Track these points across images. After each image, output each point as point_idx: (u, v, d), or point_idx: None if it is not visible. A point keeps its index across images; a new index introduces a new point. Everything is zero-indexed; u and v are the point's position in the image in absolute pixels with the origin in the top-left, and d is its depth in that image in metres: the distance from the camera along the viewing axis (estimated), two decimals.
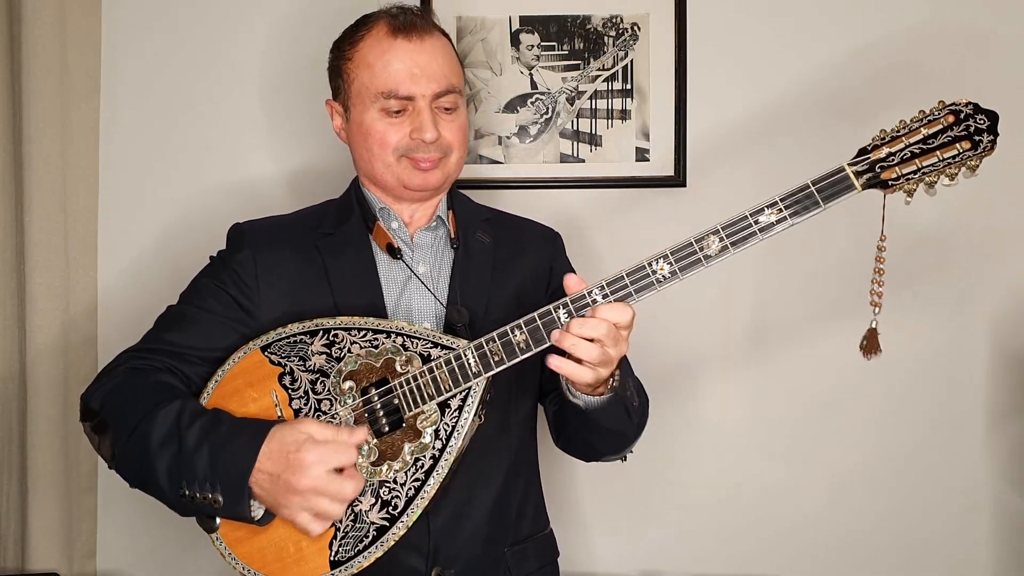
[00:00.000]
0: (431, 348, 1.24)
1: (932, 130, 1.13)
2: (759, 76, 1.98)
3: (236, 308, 1.38)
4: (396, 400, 1.24)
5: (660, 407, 1.95)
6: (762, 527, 2.00)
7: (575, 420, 1.34)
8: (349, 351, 1.27)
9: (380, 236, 1.41)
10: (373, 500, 1.22)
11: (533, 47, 1.99)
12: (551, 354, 1.19)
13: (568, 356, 1.19)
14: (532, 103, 2.00)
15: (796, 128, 1.97)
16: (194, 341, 1.35)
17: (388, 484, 1.22)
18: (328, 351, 1.28)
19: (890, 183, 1.14)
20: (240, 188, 2.01)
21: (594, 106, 1.99)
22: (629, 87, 1.99)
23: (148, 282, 1.99)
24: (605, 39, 1.99)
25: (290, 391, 1.28)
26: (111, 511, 2.00)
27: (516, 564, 1.41)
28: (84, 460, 1.95)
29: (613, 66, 1.99)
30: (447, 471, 1.21)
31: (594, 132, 1.99)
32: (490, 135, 2.00)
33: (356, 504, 1.23)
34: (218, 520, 1.25)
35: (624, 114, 1.99)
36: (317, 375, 1.28)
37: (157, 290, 1.95)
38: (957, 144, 1.12)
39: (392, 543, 1.21)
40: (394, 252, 1.39)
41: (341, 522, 1.23)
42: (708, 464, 2.01)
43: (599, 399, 1.27)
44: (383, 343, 1.26)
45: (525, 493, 1.45)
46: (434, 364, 1.23)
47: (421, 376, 1.23)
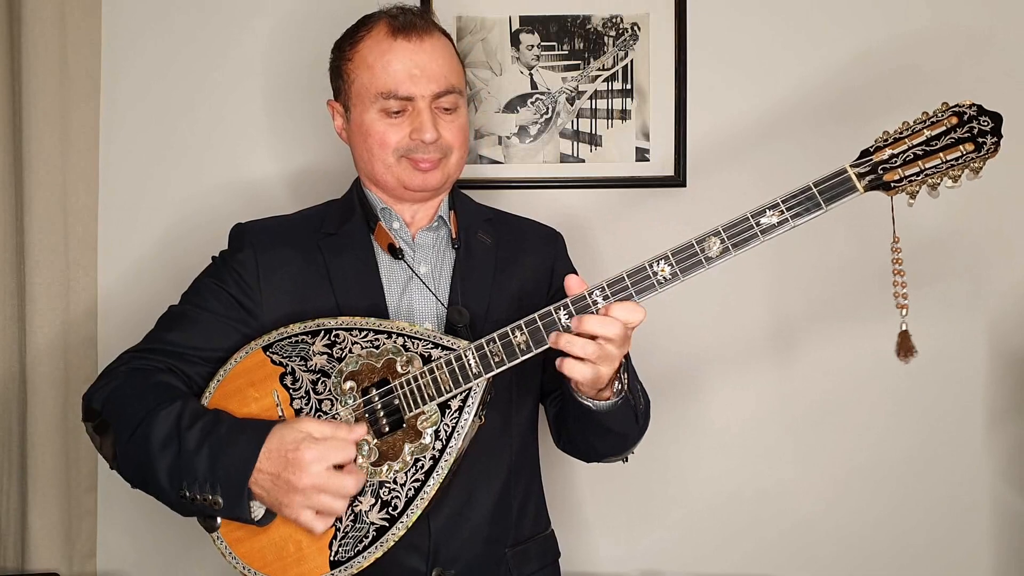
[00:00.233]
0: (432, 349, 1.24)
1: (935, 132, 1.13)
2: (759, 76, 1.98)
3: (237, 308, 1.38)
4: (396, 400, 1.24)
5: (662, 408, 1.95)
6: (763, 527, 2.00)
7: (580, 422, 1.33)
8: (350, 351, 1.27)
9: (381, 236, 1.41)
10: (373, 500, 1.22)
11: (533, 47, 1.99)
12: (560, 357, 1.19)
13: (566, 355, 1.18)
14: (532, 103, 1.99)
15: (796, 128, 1.97)
16: (195, 341, 1.35)
17: (388, 484, 1.22)
18: (329, 351, 1.28)
19: (893, 185, 1.13)
20: (241, 188, 2.00)
21: (594, 106, 1.99)
22: (629, 87, 1.98)
23: (148, 282, 1.99)
24: (605, 39, 1.98)
25: (291, 391, 1.28)
26: (111, 511, 1.99)
27: (517, 564, 1.41)
28: (84, 460, 1.95)
29: (613, 66, 1.99)
30: (447, 472, 1.21)
31: (594, 132, 1.99)
32: (490, 135, 2.00)
33: (356, 504, 1.23)
34: (219, 520, 1.25)
35: (624, 114, 1.99)
36: (318, 375, 1.28)
37: (157, 290, 1.95)
38: (961, 146, 1.12)
39: (392, 543, 1.21)
40: (395, 252, 1.39)
41: (341, 522, 1.23)
42: (709, 464, 2.01)
43: (607, 403, 1.27)
44: (384, 343, 1.26)
45: (526, 493, 1.45)
46: (435, 365, 1.23)
47: (422, 377, 1.23)
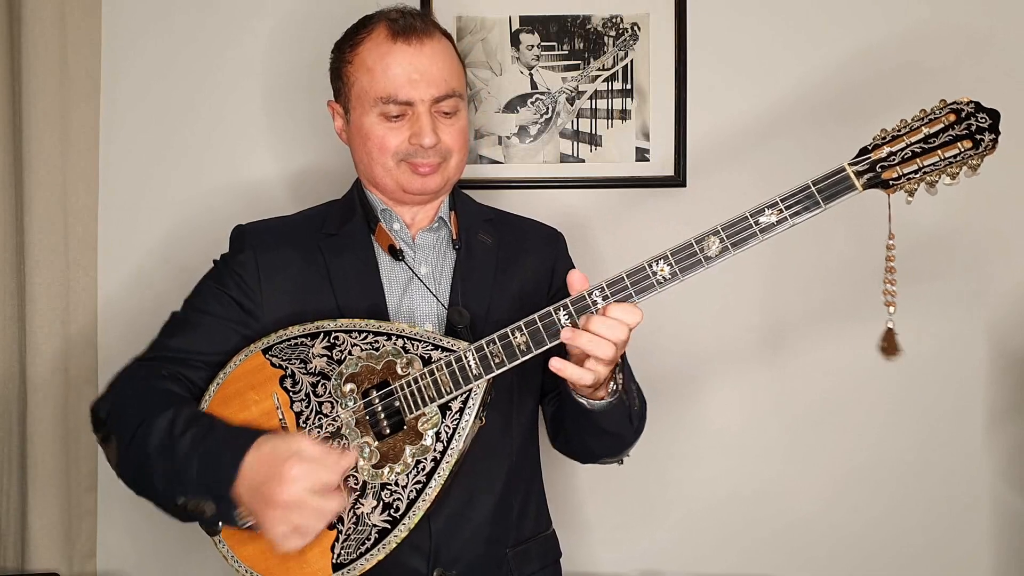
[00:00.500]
0: (432, 350, 1.24)
1: (933, 129, 1.13)
2: (759, 76, 1.98)
3: (238, 310, 1.38)
4: (397, 402, 1.24)
5: (661, 408, 1.95)
6: (763, 527, 2.00)
7: (576, 422, 1.34)
8: (350, 353, 1.27)
9: (382, 237, 1.41)
10: (375, 502, 1.22)
11: (533, 47, 1.99)
12: (554, 356, 1.19)
13: (568, 356, 1.18)
14: (532, 103, 1.99)
15: (796, 128, 1.97)
16: (198, 346, 1.35)
17: (389, 486, 1.22)
18: (329, 353, 1.28)
19: (891, 183, 1.13)
20: (241, 188, 2.00)
21: (594, 106, 1.99)
22: (629, 87, 1.98)
23: (148, 282, 1.99)
24: (605, 39, 1.98)
25: (291, 393, 1.28)
26: (111, 511, 1.99)
27: (518, 565, 1.41)
28: (84, 460, 1.95)
29: (613, 66, 1.98)
30: (448, 473, 1.21)
31: (594, 132, 1.99)
32: (490, 135, 2.00)
33: (358, 507, 1.22)
34: (220, 523, 1.25)
35: (624, 114, 1.99)
36: (318, 377, 1.27)
37: (157, 290, 1.95)
38: (958, 143, 1.12)
39: (394, 545, 1.21)
40: (396, 253, 1.39)
41: (343, 524, 1.23)
42: (709, 464, 2.01)
43: (602, 403, 1.27)
44: (384, 345, 1.26)
45: (527, 494, 1.45)
46: (435, 366, 1.23)
47: (422, 378, 1.23)
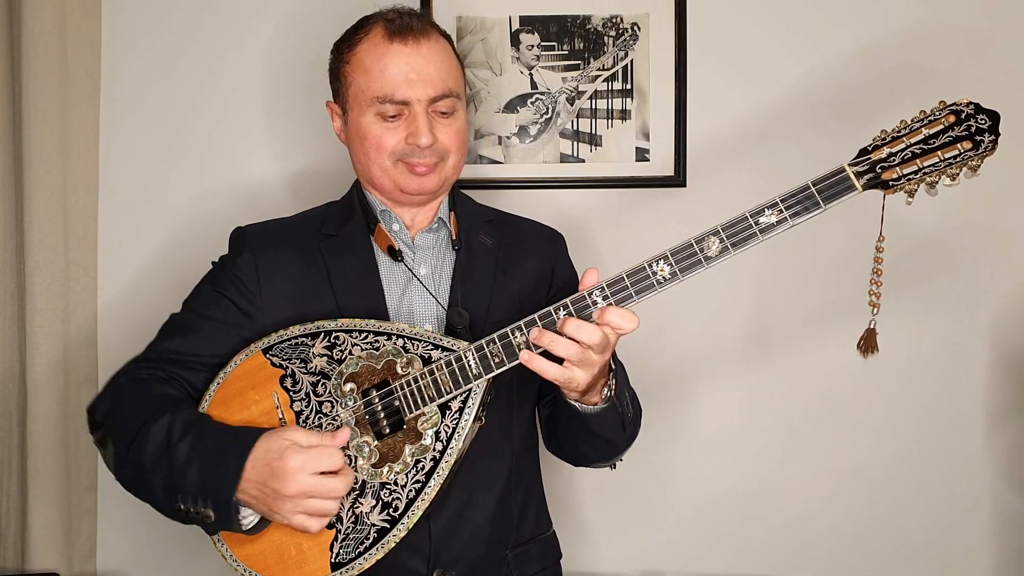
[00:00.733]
0: (432, 350, 1.24)
1: (933, 130, 1.13)
2: (759, 76, 1.98)
3: (237, 313, 1.37)
4: (397, 402, 1.24)
5: (659, 409, 1.95)
6: (763, 527, 2.00)
7: (568, 425, 1.34)
8: (350, 353, 1.27)
9: (381, 238, 1.41)
10: (374, 502, 1.22)
11: (533, 47, 1.99)
12: (530, 355, 1.18)
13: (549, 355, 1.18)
14: (532, 103, 1.99)
15: (796, 128, 1.97)
16: (196, 348, 1.35)
17: (389, 486, 1.22)
18: (329, 353, 1.28)
19: (891, 183, 1.13)
20: (240, 188, 2.00)
21: (594, 106, 1.99)
22: (629, 87, 1.98)
23: (148, 282, 1.99)
24: (605, 39, 1.98)
25: (291, 393, 1.28)
26: (111, 511, 2.00)
27: (518, 566, 1.41)
28: (84, 460, 1.95)
29: (613, 66, 1.98)
30: (448, 473, 1.21)
31: (594, 132, 1.99)
32: (490, 135, 2.00)
33: (357, 506, 1.23)
34: (222, 529, 1.25)
35: (624, 114, 1.99)
36: (318, 377, 1.28)
37: (157, 290, 1.95)
38: (958, 144, 1.11)
39: (392, 545, 1.21)
40: (395, 254, 1.39)
41: (342, 524, 1.23)
42: (708, 464, 2.01)
43: (594, 407, 1.27)
44: (384, 345, 1.26)
45: (527, 495, 1.45)
46: (435, 366, 1.23)
47: (422, 378, 1.23)
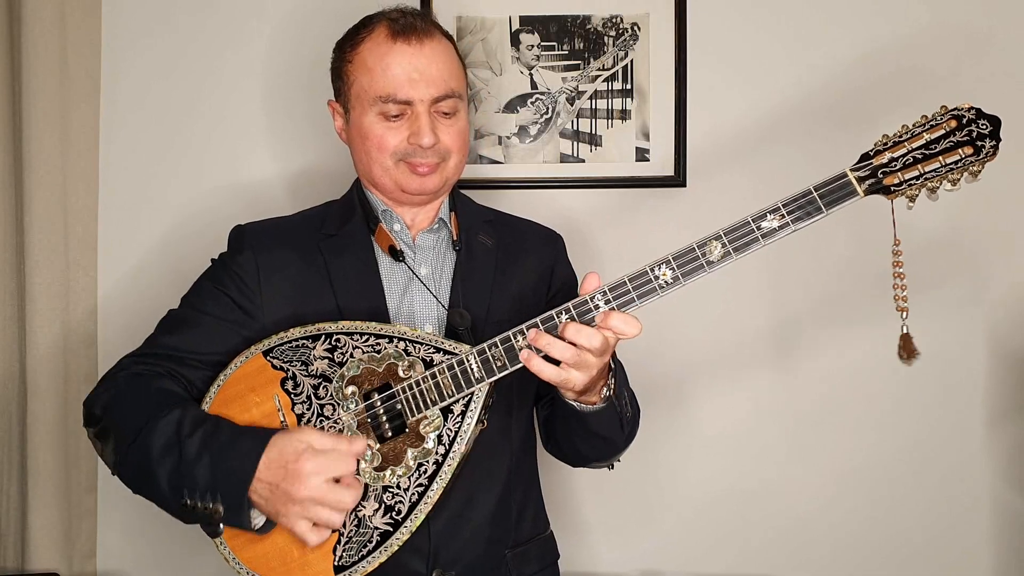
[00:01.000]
0: (433, 353, 1.24)
1: (934, 135, 1.13)
2: (759, 76, 1.98)
3: (237, 311, 1.37)
4: (399, 405, 1.24)
5: (659, 409, 1.95)
6: (762, 527, 2.00)
7: (566, 424, 1.34)
8: (351, 356, 1.27)
9: (382, 238, 1.41)
10: (376, 505, 1.22)
11: (533, 47, 1.98)
12: (529, 354, 1.18)
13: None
14: (532, 103, 1.99)
15: (796, 128, 1.97)
16: (195, 345, 1.35)
17: (391, 489, 1.22)
18: (330, 356, 1.28)
19: (893, 189, 1.13)
20: (240, 188, 2.00)
21: (594, 106, 1.99)
22: (629, 87, 1.98)
23: (148, 282, 1.99)
24: (605, 39, 1.98)
25: (292, 396, 1.28)
26: (111, 511, 1.99)
27: (517, 566, 1.41)
28: (84, 460, 1.95)
29: (613, 66, 1.98)
30: (450, 476, 1.21)
31: (594, 132, 1.99)
32: (490, 135, 1.99)
33: (360, 509, 1.23)
34: (222, 525, 1.25)
35: (624, 114, 1.99)
36: (319, 380, 1.27)
37: (157, 290, 1.95)
38: (960, 149, 1.11)
39: (396, 548, 1.21)
40: (396, 254, 1.39)
41: (345, 527, 1.23)
42: (709, 464, 2.01)
43: (592, 407, 1.27)
44: (385, 348, 1.26)
45: (526, 495, 1.45)
46: (437, 369, 1.23)
47: (424, 381, 1.23)
